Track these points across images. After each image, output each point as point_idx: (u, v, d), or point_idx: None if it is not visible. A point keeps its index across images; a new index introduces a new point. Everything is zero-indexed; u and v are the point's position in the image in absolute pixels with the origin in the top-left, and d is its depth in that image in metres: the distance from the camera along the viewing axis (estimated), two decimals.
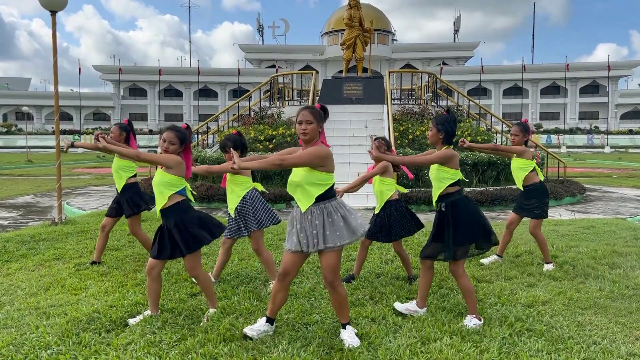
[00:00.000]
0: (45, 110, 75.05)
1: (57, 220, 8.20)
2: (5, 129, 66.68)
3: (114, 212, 5.77)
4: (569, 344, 3.47)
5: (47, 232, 7.34)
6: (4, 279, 5.13)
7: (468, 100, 17.34)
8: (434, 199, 4.01)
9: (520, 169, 5.59)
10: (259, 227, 4.74)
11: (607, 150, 51.43)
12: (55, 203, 8.98)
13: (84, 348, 3.39)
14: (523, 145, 5.57)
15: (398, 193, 5.04)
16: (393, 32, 74.63)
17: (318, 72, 20.20)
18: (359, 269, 5.15)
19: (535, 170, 5.62)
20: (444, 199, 3.92)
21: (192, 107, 76.41)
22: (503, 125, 16.22)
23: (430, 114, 14.58)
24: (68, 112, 75.57)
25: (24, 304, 4.30)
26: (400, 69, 48.63)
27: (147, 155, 3.93)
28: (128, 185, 5.68)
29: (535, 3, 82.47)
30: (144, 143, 55.48)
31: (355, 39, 16.62)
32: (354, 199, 9.61)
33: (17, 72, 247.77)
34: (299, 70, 29.82)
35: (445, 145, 3.95)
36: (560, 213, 10.00)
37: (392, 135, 12.10)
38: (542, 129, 63.55)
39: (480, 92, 71.38)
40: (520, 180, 5.63)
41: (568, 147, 55.47)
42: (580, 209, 10.61)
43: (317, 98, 15.77)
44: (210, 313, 3.97)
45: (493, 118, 17.24)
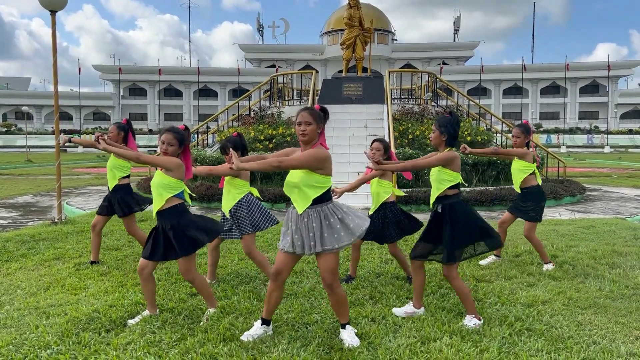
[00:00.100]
0: (45, 110, 75.08)
1: (56, 220, 8.20)
2: (5, 129, 66.70)
3: (105, 210, 5.73)
4: (569, 344, 3.47)
5: (46, 231, 7.34)
6: (4, 279, 5.13)
7: (468, 100, 17.33)
8: (432, 200, 4.00)
9: (520, 171, 5.59)
10: (255, 229, 4.70)
11: (607, 150, 51.44)
12: (55, 203, 8.97)
13: (84, 348, 3.39)
14: (525, 147, 5.56)
15: (394, 196, 5.02)
16: (393, 31, 74.68)
17: (318, 71, 20.24)
18: (355, 269, 5.14)
19: (534, 174, 5.62)
20: (442, 201, 3.92)
21: (192, 106, 76.44)
22: (503, 125, 16.22)
23: (430, 114, 14.57)
24: (68, 111, 75.59)
25: (24, 304, 4.30)
26: (400, 69, 48.66)
27: (147, 157, 3.93)
28: (120, 186, 5.64)
29: (535, 3, 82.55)
30: (144, 143, 55.49)
31: (355, 39, 16.61)
32: (354, 199, 9.61)
33: (16, 71, 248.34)
34: (299, 70, 29.81)
35: (448, 148, 3.94)
36: (560, 213, 10.01)
37: (392, 135, 12.09)
38: (542, 129, 63.56)
39: (480, 91, 71.42)
40: (518, 182, 5.63)
41: (568, 146, 55.52)
42: (580, 209, 10.61)
43: (317, 98, 15.76)
44: (210, 313, 3.97)
45: (493, 118, 17.24)
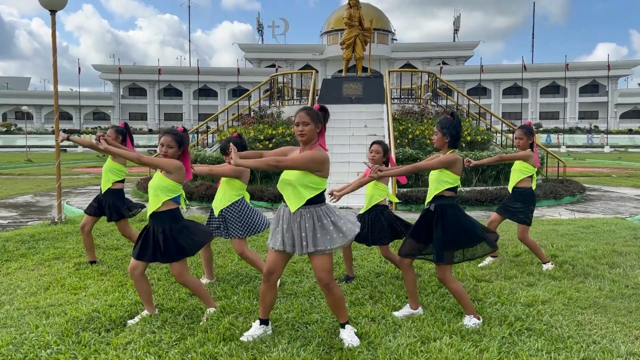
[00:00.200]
0: (45, 110, 75.05)
1: (56, 220, 8.20)
2: (5, 129, 66.69)
3: (94, 211, 5.66)
4: (569, 343, 3.47)
5: (46, 231, 7.34)
6: (4, 278, 5.13)
7: (468, 100, 17.34)
8: (428, 199, 3.97)
9: (520, 172, 5.58)
10: (245, 234, 4.68)
11: (606, 150, 51.44)
12: (55, 202, 8.97)
13: (84, 347, 3.39)
14: (528, 149, 5.53)
15: (387, 200, 5.00)
16: (393, 31, 74.70)
17: (318, 71, 20.26)
18: (351, 268, 5.13)
19: (532, 177, 5.61)
20: (436, 200, 3.90)
21: (191, 106, 76.44)
22: (503, 125, 16.23)
23: (430, 114, 14.57)
24: (68, 111, 75.57)
25: (24, 303, 4.30)
26: (400, 69, 48.71)
27: (148, 159, 3.92)
28: (113, 190, 5.61)
29: (535, 3, 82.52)
30: (144, 143, 55.48)
31: (355, 39, 16.61)
32: (354, 199, 9.59)
33: (16, 71, 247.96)
34: (299, 70, 29.82)
35: (451, 149, 3.93)
36: (560, 212, 10.01)
37: (391, 135, 12.09)
38: (541, 129, 63.56)
39: (480, 91, 71.41)
40: (514, 182, 5.63)
41: (568, 146, 55.51)
42: (580, 209, 10.61)
43: (316, 97, 15.76)
44: (210, 312, 3.97)
45: (493, 117, 17.25)
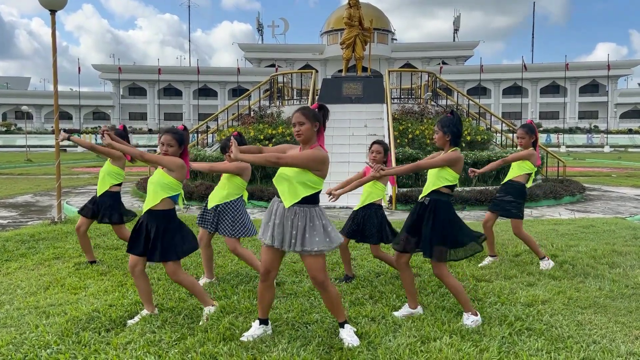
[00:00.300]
0: (45, 110, 75.04)
1: (56, 220, 8.20)
2: (5, 128, 66.68)
3: (89, 212, 5.62)
4: (569, 343, 3.47)
5: (46, 231, 7.34)
6: (4, 278, 5.12)
7: (468, 100, 17.34)
8: (424, 194, 3.96)
9: (519, 168, 5.58)
10: (234, 235, 4.69)
11: (606, 150, 51.45)
12: (55, 202, 8.97)
13: (84, 347, 3.39)
14: (531, 148, 5.51)
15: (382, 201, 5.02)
16: (393, 31, 74.70)
17: (318, 71, 20.25)
18: (350, 268, 5.12)
19: (530, 175, 5.61)
20: (432, 195, 3.90)
21: (191, 106, 76.42)
22: (503, 125, 16.22)
23: (430, 113, 14.56)
24: (67, 111, 75.53)
25: (24, 303, 4.30)
26: (400, 68, 48.72)
27: (150, 156, 3.92)
28: (110, 193, 5.58)
29: (535, 2, 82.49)
30: (144, 142, 55.50)
31: (355, 38, 16.61)
32: (354, 199, 9.59)
33: (16, 71, 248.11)
34: (299, 70, 29.84)
35: (453, 147, 3.92)
36: (560, 212, 10.02)
37: (391, 135, 12.09)
38: (541, 128, 63.56)
39: (480, 91, 71.40)
40: (511, 176, 5.63)
41: (568, 146, 55.52)
42: (580, 208, 10.62)
43: (316, 97, 15.76)
44: (210, 312, 3.95)
45: (493, 117, 17.25)
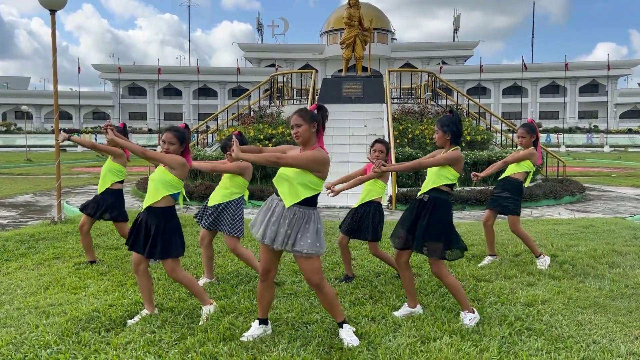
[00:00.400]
0: (45, 109, 75.03)
1: (56, 219, 8.19)
2: (5, 128, 66.68)
3: (92, 211, 5.58)
4: (569, 343, 3.47)
5: (46, 231, 7.34)
6: (4, 278, 5.12)
7: (467, 100, 17.34)
8: (423, 191, 3.95)
9: (518, 165, 5.58)
10: (233, 233, 4.72)
11: (606, 150, 51.44)
12: (55, 202, 8.97)
13: (84, 347, 3.39)
14: (531, 147, 5.51)
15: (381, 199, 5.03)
16: (392, 31, 74.71)
17: (317, 71, 20.27)
18: (350, 268, 5.12)
19: (527, 175, 5.61)
20: (431, 193, 3.89)
21: (191, 106, 76.42)
22: (502, 125, 16.22)
23: (430, 113, 14.57)
24: (67, 111, 75.53)
25: (24, 303, 4.30)
26: (400, 68, 48.70)
27: (152, 153, 3.91)
28: (112, 191, 5.57)
29: (535, 2, 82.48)
30: (143, 142, 55.46)
31: (355, 38, 16.62)
32: (354, 199, 9.59)
33: (16, 71, 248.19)
34: (299, 70, 29.82)
35: (454, 146, 3.92)
36: (560, 212, 10.01)
37: (391, 135, 12.09)
38: (541, 128, 63.54)
39: (480, 91, 71.41)
40: (509, 173, 5.63)
41: (567, 146, 55.52)
42: (580, 208, 10.62)
43: (316, 97, 15.76)
44: (210, 311, 3.95)
45: (492, 117, 17.25)
